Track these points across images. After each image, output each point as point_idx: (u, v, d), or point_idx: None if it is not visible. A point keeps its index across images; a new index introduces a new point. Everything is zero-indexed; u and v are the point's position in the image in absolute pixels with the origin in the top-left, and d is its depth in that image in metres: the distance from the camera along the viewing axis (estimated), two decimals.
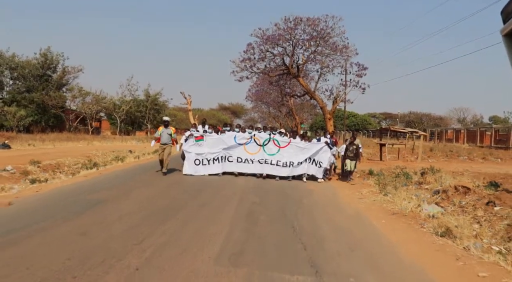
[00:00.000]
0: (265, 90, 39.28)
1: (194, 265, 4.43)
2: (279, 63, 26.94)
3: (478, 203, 8.33)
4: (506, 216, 7.28)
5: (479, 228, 7.06)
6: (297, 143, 12.87)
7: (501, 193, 8.67)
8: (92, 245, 4.99)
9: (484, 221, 7.43)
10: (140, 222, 6.20)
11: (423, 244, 5.83)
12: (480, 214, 7.81)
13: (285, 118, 52.05)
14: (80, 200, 7.85)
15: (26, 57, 34.91)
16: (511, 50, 2.96)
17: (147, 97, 36.48)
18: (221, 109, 70.78)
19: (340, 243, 5.68)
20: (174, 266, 4.39)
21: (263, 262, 4.68)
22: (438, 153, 25.38)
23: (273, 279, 4.17)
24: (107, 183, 10.37)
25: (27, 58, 34.88)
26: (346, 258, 5.06)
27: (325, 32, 25.45)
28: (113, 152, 18.79)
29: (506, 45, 3.19)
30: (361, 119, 66.60)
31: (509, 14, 2.85)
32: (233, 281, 4.07)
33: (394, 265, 4.92)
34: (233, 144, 12.77)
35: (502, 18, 3.25)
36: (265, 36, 25.46)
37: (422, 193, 9.77)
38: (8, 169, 11.97)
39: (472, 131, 44.95)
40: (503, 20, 3.22)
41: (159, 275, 4.11)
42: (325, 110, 25.81)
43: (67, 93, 35.58)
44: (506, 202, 8.01)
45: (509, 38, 2.99)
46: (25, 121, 32.05)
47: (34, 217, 6.36)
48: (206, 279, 4.09)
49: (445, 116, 73.70)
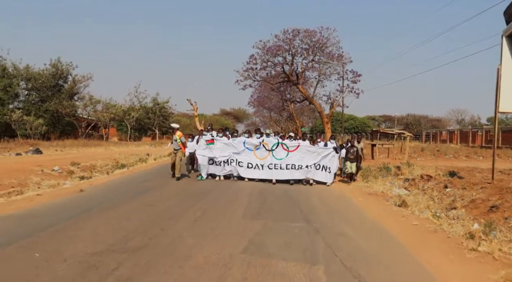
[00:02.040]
0: (266, 96, 42.06)
1: (230, 219, 7.10)
2: (280, 71, 29.58)
3: (436, 186, 11.03)
4: (453, 194, 9.98)
5: (431, 203, 9.73)
6: (306, 146, 13.00)
7: (454, 179, 11.36)
8: (160, 211, 7.68)
9: (436, 198, 10.12)
10: (185, 199, 8.91)
11: (383, 210, 8.53)
12: (435, 194, 10.51)
13: (286, 122, 54.74)
14: (134, 188, 10.58)
15: (38, 68, 37.69)
16: None
17: (155, 105, 39.42)
18: (223, 114, 73.79)
19: (325, 210, 8.37)
20: (217, 219, 7.07)
21: (272, 217, 7.35)
22: (427, 152, 28.07)
23: (279, 225, 6.84)
24: (143, 177, 13.09)
25: (39, 69, 37.67)
26: (328, 216, 7.75)
27: (321, 43, 28.15)
28: (133, 155, 21.47)
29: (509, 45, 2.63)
30: (360, 122, 69.31)
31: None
32: (254, 226, 6.73)
33: (360, 219, 7.61)
34: (243, 148, 13.03)
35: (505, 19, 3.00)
36: (266, 48, 28.17)
37: (396, 181, 12.48)
38: (56, 169, 14.66)
39: (465, 132, 47.66)
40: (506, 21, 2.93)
41: (210, 223, 6.79)
42: (323, 114, 28.51)
43: (78, 102, 38.43)
44: (456, 185, 10.70)
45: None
46: (42, 130, 34.74)
47: (107, 197, 9.06)
48: (238, 225, 6.74)
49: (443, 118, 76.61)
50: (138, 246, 5.34)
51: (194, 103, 30.60)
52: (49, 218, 6.91)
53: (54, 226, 6.31)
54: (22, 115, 32.65)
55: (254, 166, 12.89)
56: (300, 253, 5.28)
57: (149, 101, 40.29)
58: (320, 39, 28.06)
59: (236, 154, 12.98)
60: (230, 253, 5.14)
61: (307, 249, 5.49)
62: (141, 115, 37.92)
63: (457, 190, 10.31)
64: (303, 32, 28.04)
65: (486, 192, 9.44)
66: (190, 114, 56.75)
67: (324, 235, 6.23)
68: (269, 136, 13.78)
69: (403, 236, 6.42)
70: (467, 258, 5.42)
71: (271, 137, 13.71)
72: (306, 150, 12.84)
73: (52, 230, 6.07)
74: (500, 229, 6.96)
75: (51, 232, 5.96)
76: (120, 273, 4.34)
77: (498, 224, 7.34)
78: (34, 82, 36.72)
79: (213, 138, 13.50)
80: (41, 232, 5.96)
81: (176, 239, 5.77)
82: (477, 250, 5.73)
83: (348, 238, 6.19)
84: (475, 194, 9.58)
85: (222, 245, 5.52)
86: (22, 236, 5.68)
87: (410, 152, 28.50)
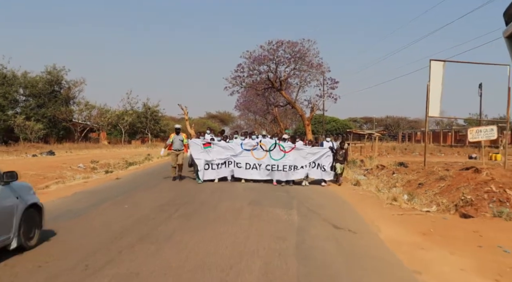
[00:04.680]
0: (252, 100, 45.63)
1: (238, 205, 10.31)
2: (265, 78, 33.11)
3: (387, 173, 14.80)
4: (396, 178, 13.75)
5: (380, 184, 13.45)
6: (301, 147, 13.53)
7: (400, 168, 15.16)
8: (186, 188, 11.18)
9: (385, 181, 13.85)
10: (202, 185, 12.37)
11: (342, 187, 12.23)
12: (385, 178, 14.26)
13: (270, 125, 58.40)
14: (156, 176, 14.04)
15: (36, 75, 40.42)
16: None
17: (146, 110, 42.67)
18: (209, 117, 77.22)
19: (300, 187, 11.98)
20: (231, 203, 10.50)
21: (270, 204, 10.72)
22: (397, 150, 32.16)
23: (268, 194, 10.37)
24: (157, 170, 16.51)
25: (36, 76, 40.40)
26: (301, 190, 11.35)
27: (302, 53, 31.83)
28: (136, 155, 24.81)
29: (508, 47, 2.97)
30: (342, 124, 73.39)
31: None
32: (253, 194, 10.25)
33: (323, 192, 11.23)
34: (240, 150, 13.25)
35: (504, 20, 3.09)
36: (252, 57, 31.70)
37: (358, 170, 16.23)
38: (81, 166, 17.93)
39: (437, 132, 52.22)
40: (506, 22, 3.06)
41: (223, 193, 10.28)
42: (304, 117, 32.23)
43: (74, 107, 41.35)
44: (400, 172, 14.48)
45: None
46: (40, 134, 37.55)
47: (141, 182, 12.48)
48: (242, 209, 9.88)
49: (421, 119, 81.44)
50: (183, 202, 8.87)
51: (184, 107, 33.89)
52: (111, 192, 10.34)
53: (120, 196, 9.76)
54: (24, 120, 35.45)
55: (252, 166, 13.17)
56: (282, 205, 8.90)
57: (141, 106, 43.64)
58: (301, 50, 31.76)
59: (234, 156, 13.23)
60: (240, 205, 8.72)
61: (287, 203, 9.11)
62: (134, 119, 41.10)
63: (400, 175, 14.12)
64: (286, 43, 31.65)
65: (418, 175, 13.25)
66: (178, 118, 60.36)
67: (298, 198, 9.86)
68: (266, 138, 14.43)
69: (349, 199, 10.10)
70: (383, 207, 9.10)
71: (268, 138, 14.32)
72: (301, 151, 13.34)
73: (122, 197, 9.53)
74: (419, 197, 10.66)
75: (122, 198, 9.42)
76: (180, 212, 7.87)
77: (419, 194, 11.08)
78: (31, 89, 39.38)
79: (210, 142, 13.53)
80: (115, 198, 9.41)
81: (203, 201, 9.32)
82: (392, 204, 9.41)
83: (313, 199, 9.85)
84: (411, 176, 13.39)
85: (235, 202, 9.08)
86: (104, 200, 9.12)
87: (383, 150, 32.51)
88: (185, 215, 7.67)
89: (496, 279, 4.56)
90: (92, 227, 6.71)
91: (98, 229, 6.47)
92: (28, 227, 5.33)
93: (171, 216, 7.54)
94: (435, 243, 6.00)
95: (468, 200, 9.33)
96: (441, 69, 13.49)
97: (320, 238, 6.22)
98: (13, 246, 5.00)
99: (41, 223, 5.72)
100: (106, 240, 5.76)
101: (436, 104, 13.72)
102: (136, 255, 5.07)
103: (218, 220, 7.34)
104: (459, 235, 6.40)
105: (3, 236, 4.81)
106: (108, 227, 6.58)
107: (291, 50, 31.71)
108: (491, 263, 5.06)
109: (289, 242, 5.89)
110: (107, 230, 6.40)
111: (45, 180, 14.05)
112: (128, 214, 7.70)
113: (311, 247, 5.72)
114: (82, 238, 5.94)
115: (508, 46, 2.41)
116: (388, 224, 7.26)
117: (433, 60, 13.61)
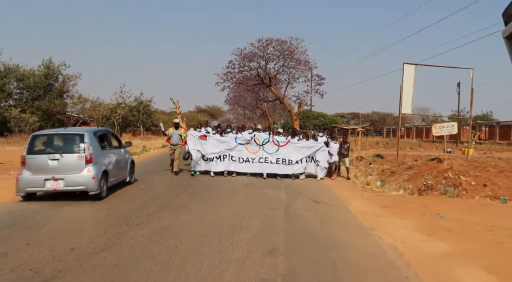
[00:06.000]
0: (241, 95, 47.26)
1: (234, 187, 12.04)
2: (255, 75, 34.73)
3: (365, 163, 16.67)
4: (373, 167, 15.62)
5: (358, 172, 15.29)
6: (295, 142, 13.63)
7: (377, 159, 17.05)
8: (187, 175, 12.85)
9: (363, 171, 15.71)
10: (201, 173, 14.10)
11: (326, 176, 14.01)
12: (362, 167, 16.12)
13: (259, 119, 60.15)
14: (158, 165, 15.66)
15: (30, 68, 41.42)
16: None
17: (139, 104, 44.01)
18: (199, 111, 78.55)
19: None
20: (229, 185, 12.21)
21: (262, 186, 12.43)
22: (380, 145, 34.16)
23: (267, 191, 12.06)
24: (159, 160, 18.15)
25: (31, 69, 41.41)
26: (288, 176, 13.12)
27: (291, 50, 33.51)
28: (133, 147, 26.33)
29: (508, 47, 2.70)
30: (329, 119, 75.47)
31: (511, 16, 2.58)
32: (250, 190, 11.86)
33: (309, 179, 13.01)
34: (235, 144, 13.45)
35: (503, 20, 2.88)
36: (243, 54, 33.30)
37: None
38: None
39: (420, 128, 54.57)
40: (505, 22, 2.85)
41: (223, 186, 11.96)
42: (292, 113, 34.04)
43: (68, 100, 42.47)
44: (377, 162, 16.36)
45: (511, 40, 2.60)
46: (35, 126, 38.65)
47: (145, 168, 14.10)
48: (239, 190, 11.58)
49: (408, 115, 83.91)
50: (189, 185, 10.60)
51: (176, 102, 35.37)
52: None
53: None
54: (20, 113, 36.53)
55: (245, 159, 13.39)
56: (272, 187, 10.69)
57: (133, 100, 44.91)
58: (290, 48, 33.46)
59: (229, 149, 13.42)
60: (237, 187, 10.47)
61: (276, 186, 10.91)
62: (126, 113, 42.43)
63: (376, 165, 16.00)
64: (275, 41, 33.33)
65: (391, 165, 15.14)
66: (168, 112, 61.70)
67: (285, 182, 11.66)
68: (260, 132, 14.59)
69: (329, 183, 11.94)
70: (357, 189, 10.95)
71: (262, 132, 14.49)
72: (295, 145, 13.49)
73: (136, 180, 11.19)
74: (390, 183, 12.49)
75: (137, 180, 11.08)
76: (189, 191, 9.60)
77: (391, 181, 12.92)
78: (26, 81, 40.36)
79: (206, 134, 13.77)
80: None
81: (205, 183, 11.06)
82: (364, 188, 11.25)
83: (298, 183, 11.69)
84: (385, 166, 15.27)
85: (232, 185, 10.82)
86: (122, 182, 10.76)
87: (367, 144, 34.48)
88: (193, 193, 9.41)
89: (429, 234, 6.35)
90: (121, 199, 8.40)
91: (127, 201, 8.17)
92: (131, 171, 10.71)
93: (182, 193, 9.28)
94: (390, 213, 7.82)
95: (429, 185, 11.20)
96: (413, 72, 15.35)
97: (302, 209, 8.00)
98: (127, 180, 10.45)
99: (134, 171, 11.04)
100: (135, 209, 7.47)
101: (408, 102, 15.60)
102: (162, 218, 6.77)
103: (220, 196, 9.11)
104: (411, 207, 8.23)
105: (124, 174, 10.31)
106: (133, 200, 8.28)
107: (280, 48, 33.37)
108: (428, 224, 6.87)
109: (278, 211, 7.66)
110: (133, 202, 8.10)
111: None
112: (146, 191, 9.40)
113: (295, 214, 7.49)
114: (116, 207, 7.63)
115: (507, 46, 2.28)
116: (358, 201, 9.07)
117: (406, 64, 15.47)
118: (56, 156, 8.24)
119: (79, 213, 7.35)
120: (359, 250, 5.43)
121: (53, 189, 8.12)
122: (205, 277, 4.15)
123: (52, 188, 8.11)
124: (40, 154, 8.36)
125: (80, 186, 8.18)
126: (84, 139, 8.46)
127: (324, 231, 6.32)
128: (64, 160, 8.24)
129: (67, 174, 8.17)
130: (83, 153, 8.30)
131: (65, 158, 8.25)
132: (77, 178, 8.17)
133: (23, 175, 8.17)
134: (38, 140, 8.68)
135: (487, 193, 10.08)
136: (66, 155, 8.29)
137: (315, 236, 5.96)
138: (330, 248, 5.34)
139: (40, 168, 8.17)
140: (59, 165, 8.19)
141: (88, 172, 8.21)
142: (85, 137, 8.48)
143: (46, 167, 8.15)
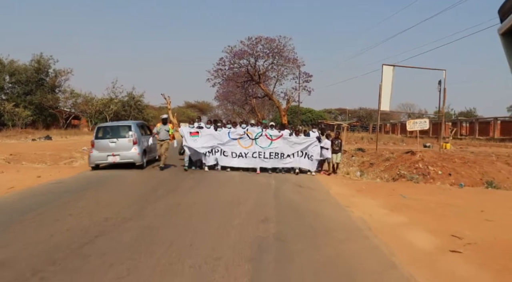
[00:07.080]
0: (231, 91, 48.54)
1: (230, 175, 13.42)
2: (245, 72, 36.03)
3: (347, 156, 18.23)
4: (354, 160, 17.18)
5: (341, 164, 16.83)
6: (287, 136, 13.65)
7: (358, 152, 18.61)
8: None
9: (345, 162, 17.26)
10: None
11: None
12: (345, 160, 17.67)
13: (248, 115, 61.47)
14: None
15: (23, 63, 42.15)
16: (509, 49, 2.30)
17: (130, 99, 45.01)
18: (188, 107, 79.60)
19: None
20: (223, 175, 13.61)
21: (254, 174, 13.93)
22: (365, 140, 35.89)
23: (258, 179, 13.45)
24: None
25: (23, 64, 42.14)
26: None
27: (279, 48, 34.88)
28: None
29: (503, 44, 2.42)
30: (317, 114, 77.23)
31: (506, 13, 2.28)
32: (243, 177, 13.27)
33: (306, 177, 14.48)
34: (228, 139, 13.53)
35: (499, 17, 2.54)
36: (233, 52, 34.55)
37: None
38: (85, 149, 20.59)
39: (405, 124, 56.50)
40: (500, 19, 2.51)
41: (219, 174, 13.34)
42: (281, 109, 35.49)
43: (60, 95, 43.31)
44: (358, 155, 17.92)
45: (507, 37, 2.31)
46: (28, 120, 39.49)
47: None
48: (234, 177, 13.02)
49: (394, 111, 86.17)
50: (190, 172, 11.95)
51: (167, 97, 36.51)
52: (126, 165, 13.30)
53: None
54: (14, 107, 37.33)
55: (238, 154, 13.48)
56: (263, 176, 12.14)
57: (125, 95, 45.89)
58: (279, 46, 34.84)
59: (221, 144, 13.50)
60: (232, 175, 11.88)
61: (266, 175, 12.34)
62: (119, 108, 43.43)
63: (357, 157, 17.57)
64: (265, 39, 34.65)
65: (371, 157, 16.72)
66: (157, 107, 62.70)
67: (274, 174, 13.11)
68: (253, 126, 14.53)
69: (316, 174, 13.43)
70: (337, 178, 12.44)
71: (255, 127, 14.46)
72: (288, 140, 13.56)
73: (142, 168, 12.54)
74: (368, 173, 14.02)
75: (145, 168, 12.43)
76: (191, 177, 10.98)
77: (369, 171, 14.46)
78: (18, 76, 41.05)
79: (198, 130, 13.62)
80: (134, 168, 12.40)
81: (204, 172, 12.43)
82: (344, 176, 12.76)
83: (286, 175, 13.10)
84: (365, 158, 16.84)
85: (230, 174, 12.24)
86: (127, 170, 12.09)
87: (352, 140, 36.13)
88: (195, 179, 10.85)
89: (391, 209, 7.85)
90: (133, 183, 9.78)
91: (139, 185, 9.57)
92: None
93: (185, 178, 10.69)
94: (364, 195, 9.33)
95: (402, 174, 12.78)
96: (391, 72, 16.90)
97: (289, 192, 9.49)
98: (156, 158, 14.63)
99: None
100: (148, 191, 8.86)
101: (386, 101, 17.16)
102: (172, 197, 8.17)
103: (219, 182, 10.59)
104: (381, 191, 9.76)
105: (155, 153, 14.64)
106: (144, 184, 9.69)
107: (269, 46, 34.72)
108: (392, 202, 8.39)
109: (268, 193, 9.12)
110: (145, 186, 9.50)
111: (62, 158, 16.86)
112: (153, 176, 10.79)
113: (283, 195, 8.97)
114: (132, 187, 9.01)
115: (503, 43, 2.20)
116: (337, 186, 10.57)
117: (384, 65, 17.02)
118: (114, 140, 12.67)
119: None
120: (334, 220, 6.90)
121: (112, 161, 12.50)
122: (215, 234, 5.57)
123: (112, 160, 12.52)
124: (103, 138, 12.79)
125: (130, 159, 12.60)
126: (131, 128, 13.06)
127: (306, 206, 7.80)
128: (119, 142, 12.66)
129: (121, 151, 12.56)
130: (131, 138, 12.76)
131: (119, 141, 12.68)
132: (128, 154, 12.59)
133: (93, 153, 12.57)
134: (101, 130, 13.34)
135: (451, 181, 11.69)
136: (120, 139, 12.73)
137: (299, 210, 7.43)
138: (310, 218, 6.81)
139: (103, 148, 12.56)
140: (116, 146, 12.57)
141: (134, 150, 12.67)
142: (132, 127, 13.10)
143: (108, 147, 12.56)
